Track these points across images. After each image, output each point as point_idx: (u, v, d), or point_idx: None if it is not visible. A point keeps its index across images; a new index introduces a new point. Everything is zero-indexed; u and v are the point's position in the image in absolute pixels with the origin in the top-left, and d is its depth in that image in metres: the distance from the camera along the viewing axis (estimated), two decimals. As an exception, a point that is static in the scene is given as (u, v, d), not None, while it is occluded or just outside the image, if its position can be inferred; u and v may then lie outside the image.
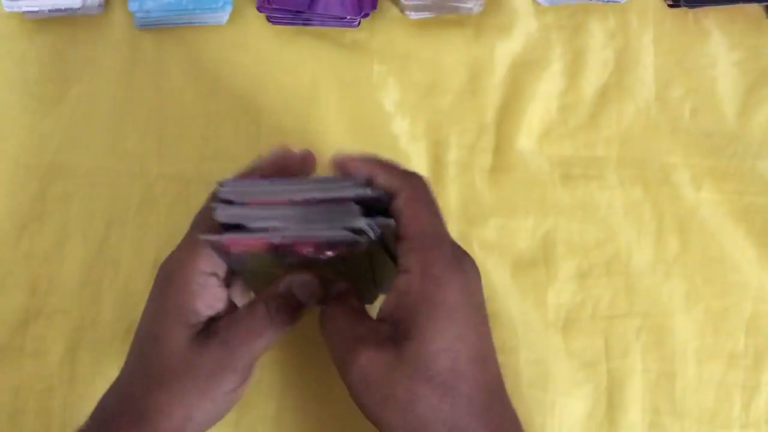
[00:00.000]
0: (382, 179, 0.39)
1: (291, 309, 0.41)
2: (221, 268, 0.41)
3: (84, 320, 0.52)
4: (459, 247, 0.40)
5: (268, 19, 0.57)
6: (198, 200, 0.54)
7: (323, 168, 0.43)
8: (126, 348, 0.43)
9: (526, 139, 0.58)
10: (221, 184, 0.40)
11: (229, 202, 0.40)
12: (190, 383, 0.39)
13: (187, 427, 0.39)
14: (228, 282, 0.42)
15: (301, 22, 0.57)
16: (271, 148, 0.43)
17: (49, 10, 0.54)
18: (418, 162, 0.57)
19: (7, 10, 0.53)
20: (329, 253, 0.39)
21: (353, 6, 0.55)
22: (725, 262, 0.57)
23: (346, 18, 0.56)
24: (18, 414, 0.51)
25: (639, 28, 0.60)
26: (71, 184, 0.54)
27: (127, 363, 0.42)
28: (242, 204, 0.40)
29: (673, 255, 0.57)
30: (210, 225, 0.40)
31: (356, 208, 0.38)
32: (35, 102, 0.55)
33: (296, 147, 0.44)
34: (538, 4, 0.60)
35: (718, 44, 0.60)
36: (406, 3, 0.57)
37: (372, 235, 0.38)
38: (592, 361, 0.55)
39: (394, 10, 0.59)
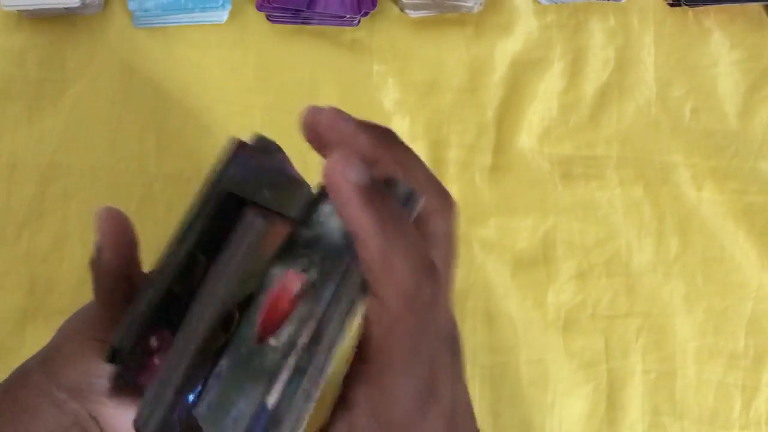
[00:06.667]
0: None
1: None
2: None
3: (83, 320, 0.52)
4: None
5: (268, 17, 0.57)
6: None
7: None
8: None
9: (526, 138, 0.58)
10: None
11: None
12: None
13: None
14: None
15: (300, 20, 0.57)
16: None
17: (48, 9, 0.54)
18: (417, 161, 0.57)
19: (6, 8, 0.52)
20: None
21: (353, 5, 0.55)
22: (726, 262, 0.57)
23: (345, 17, 0.56)
24: (17, 413, 0.51)
25: (639, 28, 0.60)
26: (70, 184, 0.54)
27: None
28: None
29: (673, 255, 0.56)
30: None
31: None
32: (34, 101, 0.55)
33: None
34: (539, 2, 0.59)
35: (719, 44, 0.60)
36: (406, 2, 0.56)
37: None
38: (592, 361, 0.54)
39: (394, 9, 0.59)
